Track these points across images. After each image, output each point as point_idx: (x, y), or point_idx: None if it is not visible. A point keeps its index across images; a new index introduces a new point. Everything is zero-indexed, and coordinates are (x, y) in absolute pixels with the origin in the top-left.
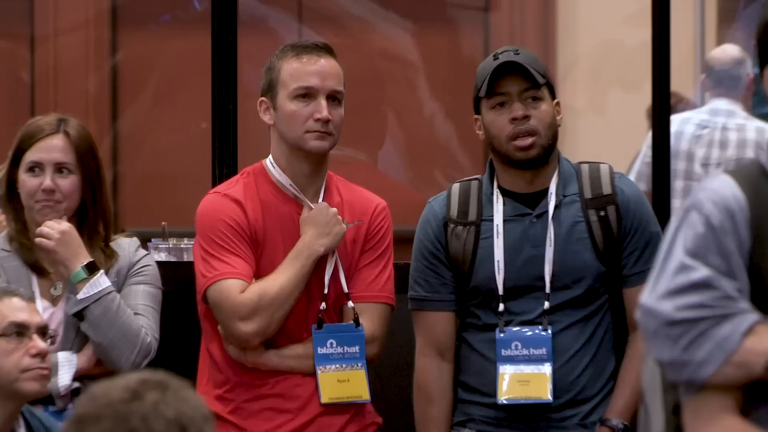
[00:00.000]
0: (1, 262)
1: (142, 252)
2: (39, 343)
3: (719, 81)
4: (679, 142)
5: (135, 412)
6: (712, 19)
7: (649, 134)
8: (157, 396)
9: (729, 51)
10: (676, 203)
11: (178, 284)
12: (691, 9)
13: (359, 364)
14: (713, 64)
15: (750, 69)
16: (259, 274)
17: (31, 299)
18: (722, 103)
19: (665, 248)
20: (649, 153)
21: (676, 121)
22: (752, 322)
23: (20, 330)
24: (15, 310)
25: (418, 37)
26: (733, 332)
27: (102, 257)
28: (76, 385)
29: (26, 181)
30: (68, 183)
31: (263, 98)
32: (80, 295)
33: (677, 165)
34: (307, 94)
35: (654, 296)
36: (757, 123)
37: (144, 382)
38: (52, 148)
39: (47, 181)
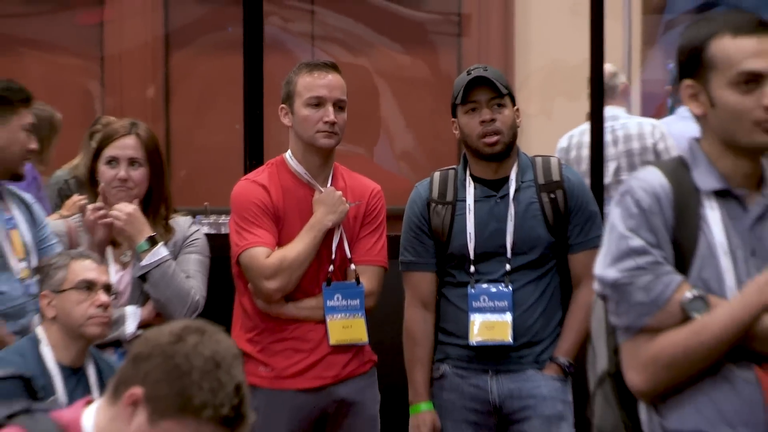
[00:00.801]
0: (83, 234)
1: (195, 228)
2: (103, 297)
3: (612, 92)
4: (583, 143)
5: (179, 352)
6: (638, 42)
7: (566, 135)
8: (196, 339)
9: (607, 68)
10: None
11: (216, 251)
12: (620, 34)
13: (359, 314)
14: (607, 78)
15: (623, 79)
16: (280, 243)
17: (102, 262)
18: (607, 110)
19: (608, 227)
20: (563, 145)
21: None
22: (678, 282)
23: (89, 285)
24: (86, 269)
25: (405, 57)
26: (665, 289)
27: (162, 232)
28: (140, 332)
29: (105, 171)
30: (138, 174)
31: (283, 105)
32: (143, 262)
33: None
34: (318, 103)
35: (602, 266)
36: (637, 119)
37: (186, 328)
38: (126, 146)
39: (122, 172)
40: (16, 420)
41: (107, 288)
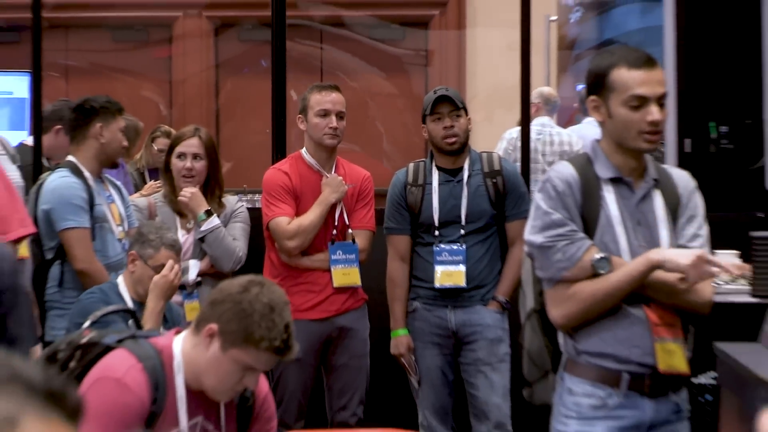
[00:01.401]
0: (159, 208)
1: (240, 204)
2: (171, 277)
3: (547, 107)
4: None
5: (245, 299)
6: (554, 70)
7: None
8: (258, 290)
9: (549, 90)
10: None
11: (252, 221)
12: (542, 64)
13: (355, 265)
14: (548, 97)
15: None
16: (297, 213)
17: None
18: (546, 120)
19: (534, 205)
20: (503, 146)
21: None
22: (588, 245)
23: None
24: (166, 257)
25: (387, 81)
26: (577, 251)
27: (216, 207)
28: (199, 279)
29: (176, 163)
30: (200, 165)
31: (300, 115)
32: (201, 228)
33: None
34: (325, 113)
35: (530, 233)
36: (566, 130)
37: (250, 281)
38: (191, 144)
39: (188, 164)
40: (123, 344)
41: (178, 250)
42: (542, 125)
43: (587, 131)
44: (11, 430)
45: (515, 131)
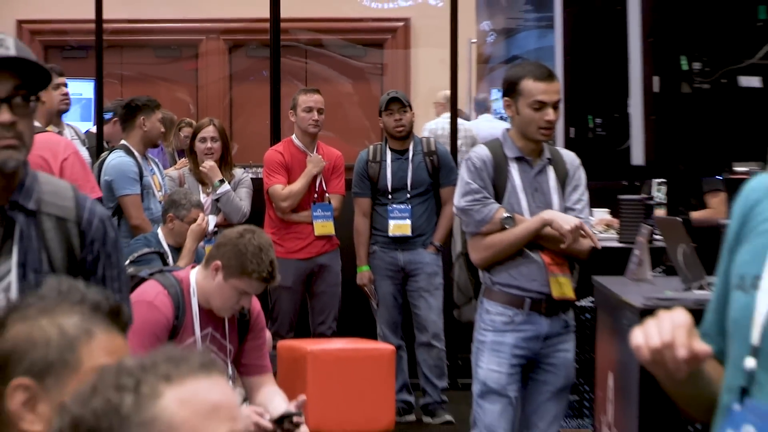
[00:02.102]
0: (186, 178)
1: (245, 174)
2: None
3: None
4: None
5: (241, 242)
6: (474, 79)
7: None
8: (250, 235)
9: (448, 92)
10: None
11: (255, 186)
12: (466, 75)
13: (331, 220)
14: (449, 98)
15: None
16: (289, 182)
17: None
18: (448, 114)
19: (459, 178)
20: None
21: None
22: (497, 208)
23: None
24: (197, 216)
25: (353, 86)
26: (490, 212)
27: (228, 176)
28: (216, 229)
29: (198, 145)
30: (216, 146)
31: (291, 111)
32: (217, 192)
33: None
34: (309, 110)
35: (457, 199)
36: (463, 122)
37: (245, 229)
38: (209, 131)
39: (208, 144)
40: (154, 276)
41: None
42: (445, 118)
43: (482, 124)
44: (89, 339)
45: (433, 123)
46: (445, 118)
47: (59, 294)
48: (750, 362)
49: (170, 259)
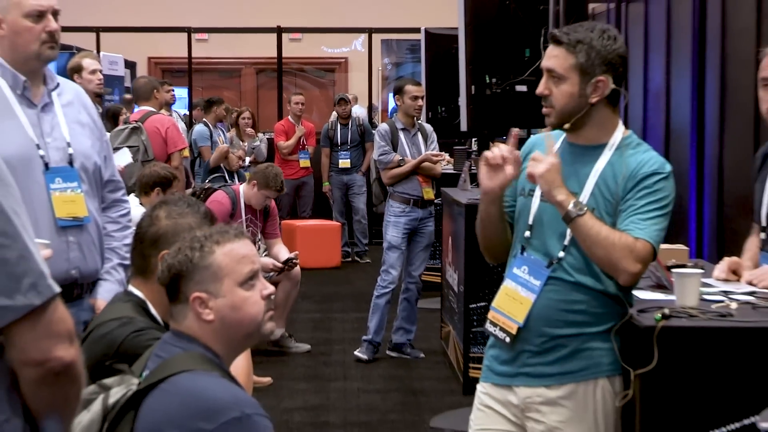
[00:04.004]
0: (234, 138)
1: (264, 137)
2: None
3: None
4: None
5: (266, 171)
6: (382, 87)
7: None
8: (272, 168)
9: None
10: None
11: (270, 143)
12: (377, 84)
13: (308, 159)
14: (356, 98)
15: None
16: (286, 140)
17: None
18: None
19: (375, 140)
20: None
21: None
22: (395, 154)
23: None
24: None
25: (320, 92)
26: (392, 157)
27: (256, 137)
28: (249, 164)
29: (240, 122)
30: (250, 122)
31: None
32: (252, 144)
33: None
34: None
35: (375, 152)
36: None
37: (268, 166)
38: (246, 114)
39: (246, 121)
40: (221, 188)
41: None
42: (362, 108)
43: (359, 110)
44: (224, 237)
45: (357, 109)
46: (362, 108)
47: (188, 205)
48: (527, 233)
49: (228, 178)
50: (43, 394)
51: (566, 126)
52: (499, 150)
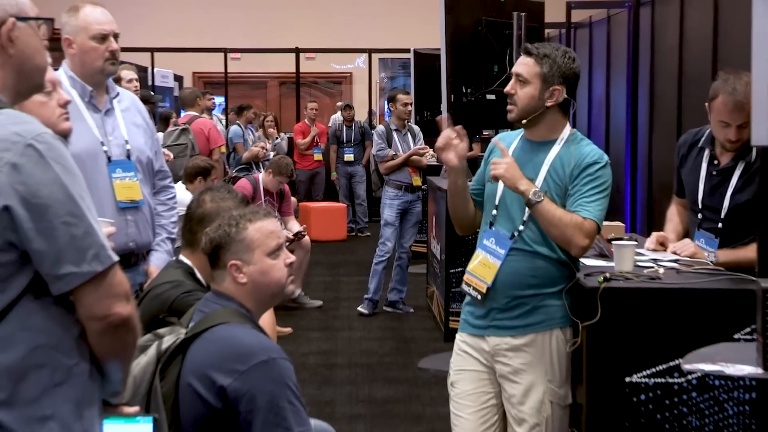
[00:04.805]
0: (261, 136)
1: (285, 135)
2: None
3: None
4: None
5: (279, 161)
6: (377, 97)
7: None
8: (285, 159)
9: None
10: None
11: (289, 141)
12: (375, 96)
13: (320, 153)
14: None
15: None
16: (303, 138)
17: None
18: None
19: (373, 139)
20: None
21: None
22: (389, 150)
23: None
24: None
25: (329, 100)
26: (387, 152)
27: (278, 136)
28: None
29: (266, 123)
30: (273, 123)
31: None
32: (275, 142)
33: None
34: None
35: (374, 148)
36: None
37: (280, 157)
38: (270, 117)
39: (270, 122)
40: (245, 176)
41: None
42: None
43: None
44: (255, 216)
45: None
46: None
47: (228, 192)
48: (494, 212)
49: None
50: (106, 342)
51: (524, 122)
52: (444, 135)
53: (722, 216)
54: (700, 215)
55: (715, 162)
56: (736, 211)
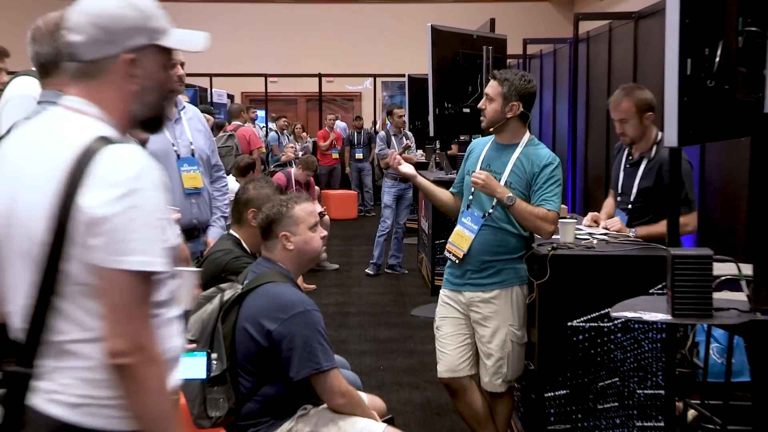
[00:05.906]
0: (292, 140)
1: (310, 140)
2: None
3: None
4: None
5: (306, 158)
6: (381, 111)
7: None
8: (312, 156)
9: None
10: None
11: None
12: (379, 110)
13: (337, 153)
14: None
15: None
16: (323, 142)
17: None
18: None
19: (377, 142)
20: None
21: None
22: (387, 149)
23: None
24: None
25: (342, 115)
26: (387, 152)
27: (305, 140)
28: (299, 156)
29: (297, 130)
30: (301, 129)
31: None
32: (303, 144)
33: None
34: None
35: (377, 148)
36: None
37: (308, 155)
38: (299, 126)
39: (299, 129)
40: (280, 170)
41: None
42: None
43: (339, 124)
44: (300, 199)
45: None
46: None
47: (266, 182)
48: (471, 197)
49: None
50: None
51: (492, 129)
52: (393, 159)
53: (631, 198)
54: (619, 198)
55: (630, 157)
56: (640, 195)
